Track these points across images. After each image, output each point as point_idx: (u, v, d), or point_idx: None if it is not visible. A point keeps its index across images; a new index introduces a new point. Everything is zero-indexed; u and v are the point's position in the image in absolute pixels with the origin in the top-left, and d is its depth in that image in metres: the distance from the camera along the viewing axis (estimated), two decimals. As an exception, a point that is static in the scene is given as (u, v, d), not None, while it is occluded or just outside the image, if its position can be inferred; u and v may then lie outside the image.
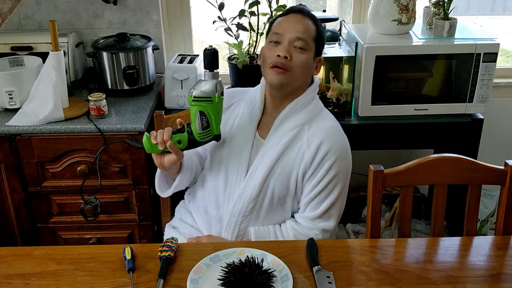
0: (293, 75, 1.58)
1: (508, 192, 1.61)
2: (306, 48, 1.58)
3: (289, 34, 1.56)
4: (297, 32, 1.56)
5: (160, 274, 1.36)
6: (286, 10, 1.64)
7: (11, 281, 1.40)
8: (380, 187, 1.59)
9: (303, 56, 1.57)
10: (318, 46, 1.63)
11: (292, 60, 1.56)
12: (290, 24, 1.58)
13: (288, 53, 1.55)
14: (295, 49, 1.57)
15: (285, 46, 1.55)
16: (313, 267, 1.40)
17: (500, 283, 1.40)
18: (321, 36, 1.64)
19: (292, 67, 1.56)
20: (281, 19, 1.62)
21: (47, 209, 2.23)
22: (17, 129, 2.08)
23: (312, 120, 1.64)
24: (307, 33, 1.58)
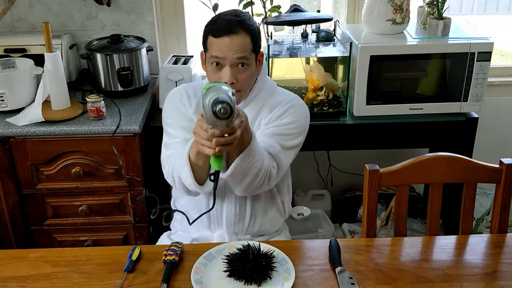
0: (242, 92, 1.64)
1: (503, 190, 1.62)
2: (248, 63, 1.60)
3: (228, 58, 1.56)
4: (235, 53, 1.56)
5: (164, 278, 1.36)
6: (217, 28, 1.57)
7: (6, 284, 1.39)
8: (376, 186, 1.59)
9: (247, 73, 1.61)
10: (256, 50, 1.63)
11: (239, 82, 1.59)
12: (226, 48, 1.56)
13: (233, 78, 1.58)
14: (238, 68, 1.58)
15: (227, 72, 1.57)
16: (336, 268, 1.41)
17: (496, 281, 1.41)
18: (257, 40, 1.63)
19: (240, 87, 1.61)
20: (214, 40, 1.58)
21: (41, 211, 2.22)
22: (11, 131, 2.06)
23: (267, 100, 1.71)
24: (245, 50, 1.58)
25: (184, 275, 1.39)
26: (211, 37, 1.59)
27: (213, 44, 1.58)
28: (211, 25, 1.60)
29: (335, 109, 2.28)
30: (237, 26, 1.56)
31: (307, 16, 2.29)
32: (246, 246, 1.41)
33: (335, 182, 2.85)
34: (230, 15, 1.60)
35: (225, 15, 1.61)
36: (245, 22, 1.59)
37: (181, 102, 1.71)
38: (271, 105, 1.70)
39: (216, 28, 1.58)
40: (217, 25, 1.58)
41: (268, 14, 2.31)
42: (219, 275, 1.38)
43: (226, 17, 1.59)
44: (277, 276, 1.37)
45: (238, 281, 1.36)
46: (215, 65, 1.59)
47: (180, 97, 1.72)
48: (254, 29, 1.61)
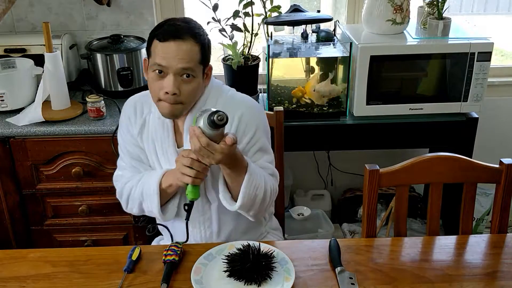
0: (185, 105, 1.51)
1: (503, 190, 1.62)
2: (194, 74, 1.48)
3: (173, 66, 1.44)
4: (180, 61, 1.44)
5: (163, 278, 1.36)
6: (163, 31, 1.46)
7: (6, 284, 1.39)
8: (376, 186, 1.59)
9: (192, 85, 1.48)
10: (205, 62, 1.52)
11: (181, 93, 1.47)
12: (171, 54, 1.44)
13: (176, 89, 1.46)
14: (182, 78, 1.47)
15: (170, 81, 1.45)
16: (336, 268, 1.41)
17: (496, 281, 1.41)
18: (206, 51, 1.51)
19: (183, 99, 1.49)
20: (159, 45, 1.46)
21: (41, 211, 2.22)
22: (11, 131, 2.07)
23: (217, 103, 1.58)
24: (191, 61, 1.46)
25: (184, 275, 1.39)
26: (156, 41, 1.46)
27: (158, 49, 1.46)
28: (158, 29, 1.49)
29: (335, 109, 2.28)
30: (185, 32, 1.45)
31: (307, 16, 2.29)
32: (246, 246, 1.41)
33: (335, 182, 2.85)
34: (179, 21, 1.50)
35: (174, 20, 1.51)
36: (194, 29, 1.48)
37: (129, 120, 1.64)
38: None
39: (162, 31, 1.46)
40: (163, 29, 1.47)
41: (268, 14, 2.31)
42: (219, 275, 1.38)
43: (175, 22, 1.49)
44: (277, 276, 1.37)
45: (238, 281, 1.36)
46: (157, 73, 1.47)
47: (129, 114, 1.64)
48: (205, 39, 1.50)
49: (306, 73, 2.33)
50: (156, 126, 1.60)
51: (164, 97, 1.48)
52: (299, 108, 2.27)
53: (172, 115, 1.52)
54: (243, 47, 2.37)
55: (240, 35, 2.36)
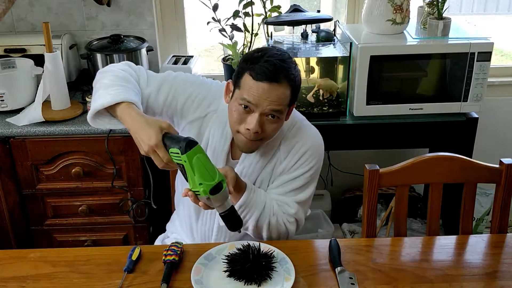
0: (264, 141, 1.51)
1: (503, 190, 1.62)
2: (280, 116, 1.46)
3: (262, 106, 1.41)
4: (271, 104, 1.41)
5: (163, 278, 1.37)
6: (259, 69, 1.40)
7: (6, 284, 1.39)
8: (376, 186, 1.60)
9: (276, 125, 1.47)
10: (293, 103, 1.50)
11: (263, 132, 1.45)
12: (264, 95, 1.40)
13: (259, 128, 1.43)
14: (267, 118, 1.44)
15: (255, 119, 1.42)
16: (336, 268, 1.41)
17: (496, 281, 1.41)
18: (297, 93, 1.48)
19: (263, 136, 1.47)
20: (252, 82, 1.40)
21: (41, 211, 2.22)
22: (11, 131, 2.07)
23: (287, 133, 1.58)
24: (281, 104, 1.43)
25: (184, 275, 1.39)
26: (249, 77, 1.41)
27: (249, 85, 1.41)
28: (253, 62, 1.42)
29: (335, 109, 2.28)
30: (282, 75, 1.41)
31: (307, 16, 2.29)
32: (246, 246, 1.41)
33: (335, 182, 2.85)
34: (275, 58, 1.42)
35: (270, 56, 1.42)
36: (290, 71, 1.43)
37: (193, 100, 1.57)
38: (288, 143, 1.57)
39: (258, 69, 1.40)
40: (260, 66, 1.40)
41: (268, 14, 2.31)
42: (219, 275, 1.39)
43: (271, 60, 1.41)
44: (277, 276, 1.37)
45: (238, 281, 1.36)
46: (243, 107, 1.43)
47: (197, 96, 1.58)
48: (298, 81, 1.47)
49: (306, 73, 2.33)
50: (215, 128, 1.57)
51: (244, 133, 1.45)
52: (299, 108, 2.27)
53: (249, 150, 1.52)
54: (243, 47, 2.38)
55: (240, 35, 2.36)
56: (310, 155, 1.57)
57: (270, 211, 1.55)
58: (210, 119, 1.58)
